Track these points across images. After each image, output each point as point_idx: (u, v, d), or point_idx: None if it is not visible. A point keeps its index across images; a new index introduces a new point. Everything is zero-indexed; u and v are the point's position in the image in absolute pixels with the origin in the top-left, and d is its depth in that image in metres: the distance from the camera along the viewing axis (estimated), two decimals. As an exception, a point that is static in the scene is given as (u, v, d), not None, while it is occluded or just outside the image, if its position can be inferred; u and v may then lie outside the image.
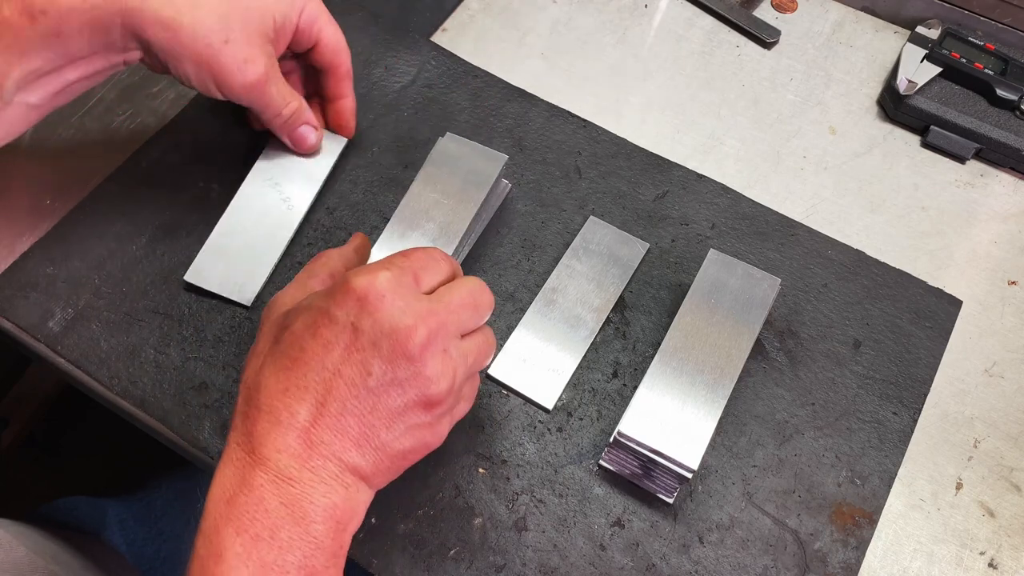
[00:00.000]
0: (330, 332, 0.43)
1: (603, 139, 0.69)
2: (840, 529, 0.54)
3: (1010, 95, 0.70)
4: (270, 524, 0.41)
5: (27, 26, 0.50)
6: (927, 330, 0.61)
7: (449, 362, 0.45)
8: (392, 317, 0.43)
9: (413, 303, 0.44)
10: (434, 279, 0.47)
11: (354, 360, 0.43)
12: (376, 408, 0.43)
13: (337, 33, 0.61)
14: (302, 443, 0.42)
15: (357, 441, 0.43)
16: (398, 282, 0.44)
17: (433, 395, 0.44)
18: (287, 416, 0.42)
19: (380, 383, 0.43)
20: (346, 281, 0.44)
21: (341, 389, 0.43)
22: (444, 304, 0.45)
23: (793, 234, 0.65)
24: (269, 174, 0.64)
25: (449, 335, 0.45)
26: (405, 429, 0.44)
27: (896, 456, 0.56)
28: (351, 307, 0.43)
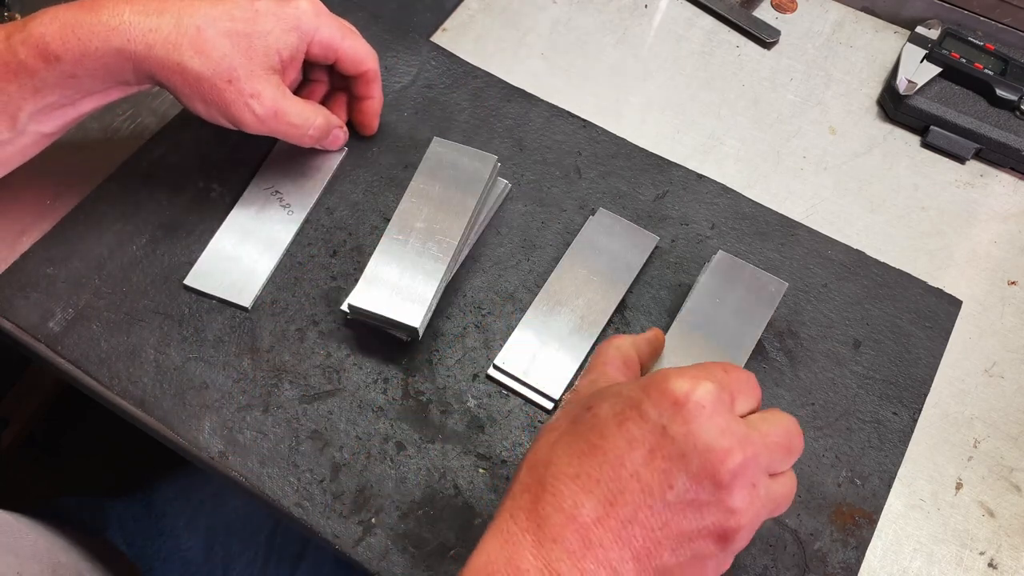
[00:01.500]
0: (637, 428, 0.40)
1: (603, 139, 0.69)
2: (840, 529, 0.54)
3: (1010, 95, 0.70)
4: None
5: (42, 68, 0.53)
6: (927, 330, 0.61)
7: (755, 499, 0.40)
8: (708, 433, 0.40)
9: (732, 425, 0.41)
10: (747, 405, 0.44)
11: (657, 467, 0.40)
12: (667, 526, 0.39)
13: (357, 44, 0.62)
14: (580, 541, 0.39)
15: (637, 555, 0.39)
16: (718, 398, 0.41)
17: (732, 528, 0.40)
18: (571, 505, 0.40)
19: (679, 500, 0.39)
20: (665, 380, 0.41)
21: (635, 494, 0.39)
22: (760, 435, 0.41)
23: (793, 234, 0.65)
24: (270, 182, 0.64)
25: (760, 470, 0.41)
26: (691, 557, 0.40)
27: (896, 456, 0.56)
28: (665, 409, 0.40)
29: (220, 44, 0.54)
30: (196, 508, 0.79)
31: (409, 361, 0.58)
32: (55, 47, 0.52)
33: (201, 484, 0.80)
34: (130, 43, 0.53)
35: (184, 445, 0.55)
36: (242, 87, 0.55)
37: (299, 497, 0.53)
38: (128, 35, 0.52)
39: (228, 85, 0.55)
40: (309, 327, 0.59)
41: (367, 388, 0.57)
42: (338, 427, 0.56)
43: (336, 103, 0.66)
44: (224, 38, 0.54)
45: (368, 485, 0.54)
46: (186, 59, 0.54)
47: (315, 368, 0.58)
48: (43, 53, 0.52)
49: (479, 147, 0.68)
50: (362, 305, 0.55)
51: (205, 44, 0.54)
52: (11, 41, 0.52)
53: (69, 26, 0.52)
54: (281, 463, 0.54)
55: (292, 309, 0.60)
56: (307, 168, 0.65)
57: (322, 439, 0.55)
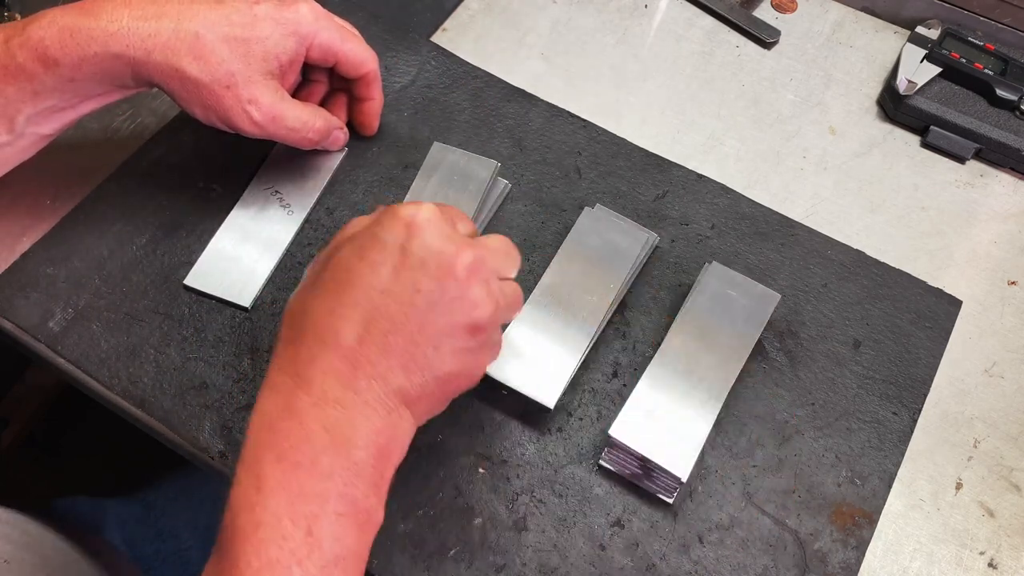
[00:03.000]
0: (378, 254, 0.44)
1: (603, 139, 0.69)
2: (840, 529, 0.54)
3: (1010, 95, 0.70)
4: (311, 451, 0.41)
5: (41, 72, 0.53)
6: (927, 330, 0.61)
7: (492, 292, 0.45)
8: (439, 240, 0.44)
9: (456, 234, 0.46)
10: (466, 229, 0.48)
11: (403, 278, 0.43)
12: (424, 327, 0.43)
13: (357, 46, 0.61)
14: (347, 364, 0.42)
15: (403, 361, 0.43)
16: (441, 216, 0.45)
17: (478, 319, 0.44)
18: (332, 337, 0.42)
19: (428, 301, 0.43)
20: (392, 209, 0.45)
21: (389, 307, 0.43)
22: (481, 243, 0.46)
23: (793, 234, 0.65)
24: (270, 182, 0.65)
25: (490, 270, 0.46)
26: (450, 351, 0.44)
27: (896, 456, 0.56)
28: (399, 231, 0.44)
29: (219, 50, 0.54)
30: (196, 508, 0.79)
31: (409, 361, 0.58)
32: (54, 52, 0.52)
33: (201, 484, 0.80)
34: (129, 48, 0.53)
35: (184, 445, 0.55)
36: (240, 93, 0.55)
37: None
38: (127, 40, 0.52)
39: (226, 91, 0.55)
40: (309, 327, 0.59)
41: (367, 388, 0.57)
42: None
43: (336, 104, 0.66)
44: (223, 43, 0.54)
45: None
46: (184, 65, 0.54)
47: (315, 368, 0.57)
48: (42, 57, 0.52)
49: (479, 147, 0.68)
50: None
51: (204, 50, 0.54)
52: (10, 45, 0.52)
53: (68, 31, 0.52)
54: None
55: (292, 309, 0.60)
56: (307, 168, 0.65)
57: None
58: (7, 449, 1.07)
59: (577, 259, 0.60)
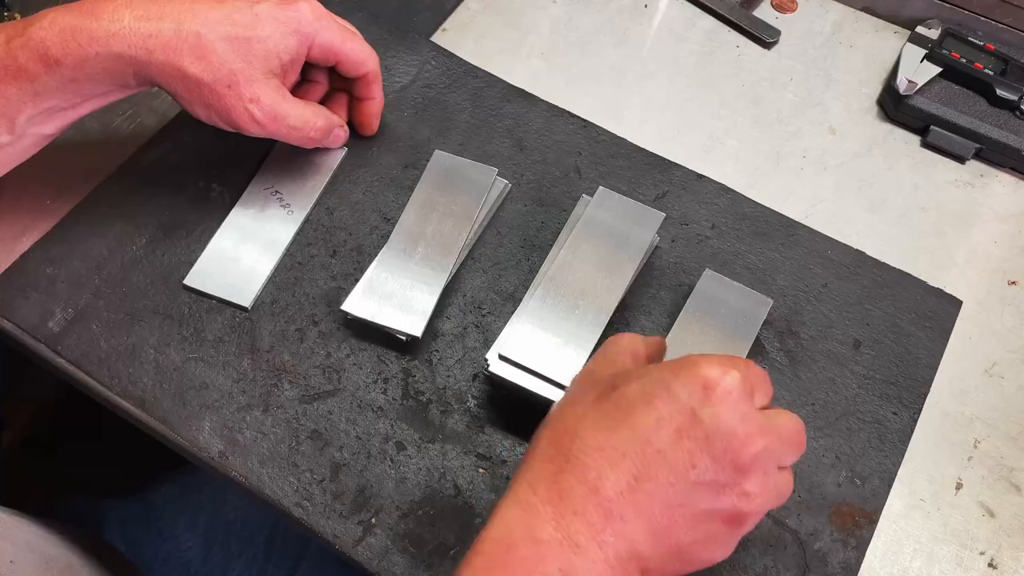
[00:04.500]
0: (666, 407, 0.41)
1: (603, 139, 0.69)
2: (840, 529, 0.54)
3: (1010, 95, 0.70)
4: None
5: (42, 72, 0.53)
6: (927, 330, 0.61)
7: (767, 487, 0.42)
8: (733, 419, 0.41)
9: (754, 414, 0.42)
10: (763, 399, 0.44)
11: (683, 446, 0.40)
12: (687, 504, 0.40)
13: (357, 46, 0.61)
14: (601, 513, 0.40)
15: (655, 531, 0.40)
16: (743, 386, 0.42)
17: (744, 512, 0.41)
18: (594, 477, 0.40)
19: (700, 480, 0.40)
20: (695, 364, 0.42)
21: (660, 470, 0.40)
22: (776, 428, 0.43)
23: (793, 234, 0.65)
24: (270, 182, 0.65)
25: (773, 460, 0.42)
26: (704, 537, 0.41)
27: (896, 456, 0.56)
28: (695, 392, 0.41)
29: (220, 49, 0.54)
30: (196, 508, 0.79)
31: (409, 361, 0.58)
32: (55, 52, 0.52)
33: (201, 484, 0.80)
34: (130, 49, 0.53)
35: (184, 445, 0.55)
36: (242, 92, 0.55)
37: (299, 497, 0.53)
38: (128, 40, 0.52)
39: (228, 90, 0.55)
40: (309, 327, 0.59)
41: (367, 388, 0.57)
42: (338, 427, 0.56)
43: (336, 103, 0.66)
44: (224, 43, 0.54)
45: (368, 485, 0.54)
46: (186, 64, 0.54)
47: (315, 368, 0.58)
48: (43, 58, 0.52)
49: (479, 147, 0.68)
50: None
51: (205, 49, 0.54)
52: (11, 45, 0.52)
53: (69, 31, 0.52)
54: (281, 463, 0.54)
55: (292, 309, 0.60)
56: (307, 168, 0.65)
57: (322, 439, 0.55)
58: (7, 449, 1.07)
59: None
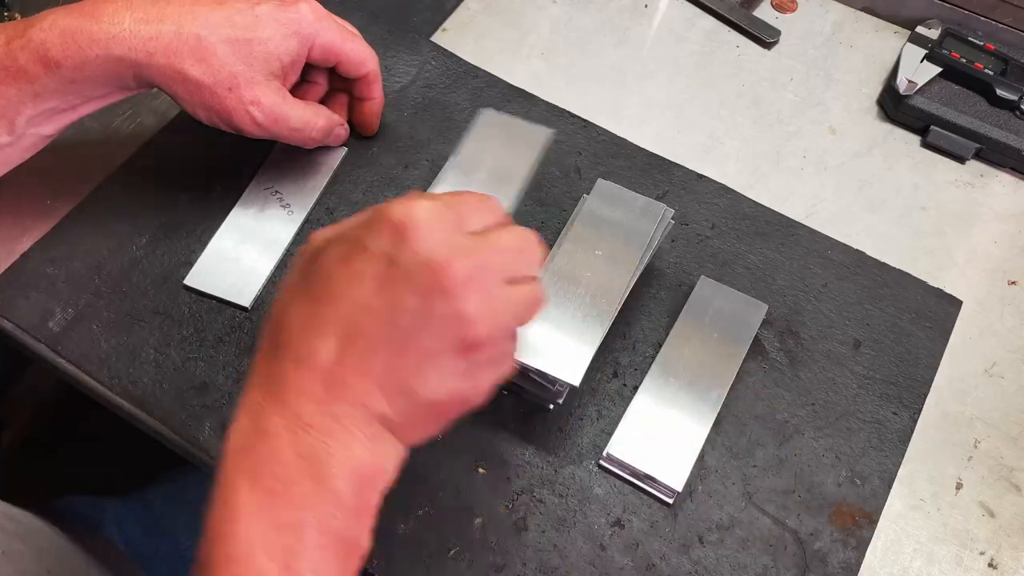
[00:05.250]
0: (361, 262, 0.40)
1: (603, 139, 0.69)
2: (840, 529, 0.54)
3: (1010, 95, 0.70)
4: (285, 477, 0.38)
5: (43, 74, 0.52)
6: (927, 330, 0.61)
7: (492, 304, 0.40)
8: (430, 248, 0.39)
9: (454, 237, 0.40)
10: (480, 222, 0.43)
11: (385, 293, 0.39)
12: (406, 348, 0.39)
13: (357, 47, 0.61)
14: (323, 385, 0.39)
15: (383, 385, 0.39)
16: (440, 215, 0.40)
17: (471, 337, 0.40)
18: (308, 355, 0.39)
19: (412, 320, 0.39)
20: (382, 210, 0.41)
21: (369, 325, 0.39)
22: (489, 244, 0.41)
23: (793, 234, 0.65)
24: (270, 182, 0.65)
25: (494, 276, 0.41)
26: (439, 376, 0.40)
27: (896, 456, 0.56)
28: (386, 236, 0.40)
29: (220, 51, 0.54)
30: (196, 508, 0.79)
31: (409, 361, 0.58)
32: (55, 54, 0.52)
33: (201, 484, 0.80)
34: (131, 51, 0.53)
35: (184, 445, 0.55)
36: (243, 94, 0.55)
37: (299, 497, 0.53)
38: (129, 43, 0.52)
39: (229, 93, 0.55)
40: (309, 327, 0.59)
41: (367, 388, 0.57)
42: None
43: (336, 103, 0.66)
44: (224, 45, 0.54)
45: (368, 485, 0.54)
46: (187, 67, 0.54)
47: (315, 368, 0.57)
48: (43, 59, 0.52)
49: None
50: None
51: (206, 52, 0.54)
52: (11, 46, 0.52)
53: (69, 33, 0.52)
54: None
55: (292, 309, 0.60)
56: (307, 168, 0.65)
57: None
58: (7, 449, 1.07)
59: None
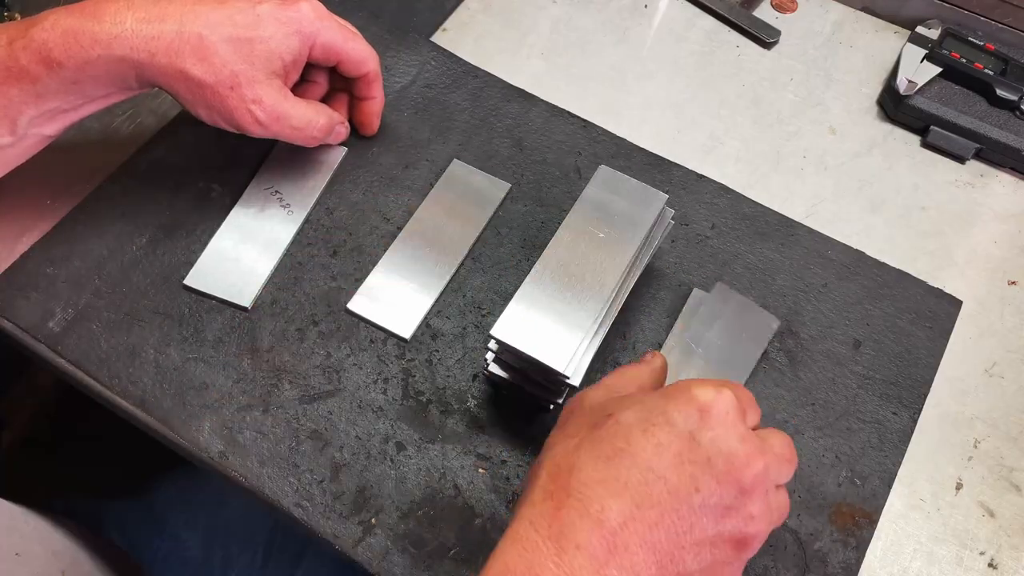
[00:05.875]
0: (664, 434, 0.40)
1: (603, 139, 0.69)
2: (840, 529, 0.54)
3: (1010, 95, 0.70)
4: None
5: (44, 74, 0.52)
6: (927, 330, 0.61)
7: (768, 507, 0.41)
8: (732, 440, 0.41)
9: (751, 434, 0.42)
10: (754, 419, 0.44)
11: (684, 471, 0.40)
12: (692, 530, 0.39)
13: (358, 46, 0.61)
14: (605, 546, 0.38)
15: (660, 560, 0.39)
16: (737, 408, 0.42)
17: (750, 535, 0.41)
18: (597, 510, 0.39)
19: (704, 504, 0.40)
20: (688, 388, 0.42)
21: (663, 497, 0.39)
22: (771, 448, 0.42)
23: (793, 234, 0.65)
24: (270, 182, 0.65)
25: (772, 479, 0.42)
26: (711, 563, 0.40)
27: (896, 456, 0.56)
28: (692, 416, 0.41)
29: (222, 51, 0.54)
30: (196, 508, 0.79)
31: (409, 361, 0.58)
32: (57, 54, 0.52)
33: (201, 484, 0.80)
34: (133, 51, 0.53)
35: (184, 445, 0.55)
36: (244, 93, 0.55)
37: (299, 497, 0.53)
38: (131, 43, 0.52)
39: (231, 92, 0.55)
40: (309, 327, 0.59)
41: (367, 388, 0.57)
42: (338, 427, 0.56)
43: (337, 102, 0.66)
44: (226, 44, 0.54)
45: (368, 485, 0.54)
46: (188, 66, 0.54)
47: (315, 368, 0.58)
48: (45, 60, 0.52)
49: (479, 147, 0.68)
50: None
51: (207, 51, 0.54)
52: (13, 47, 0.52)
53: (71, 33, 0.52)
54: (281, 463, 0.54)
55: (292, 309, 0.60)
56: (307, 168, 0.65)
57: (322, 439, 0.55)
58: (7, 449, 1.07)
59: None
